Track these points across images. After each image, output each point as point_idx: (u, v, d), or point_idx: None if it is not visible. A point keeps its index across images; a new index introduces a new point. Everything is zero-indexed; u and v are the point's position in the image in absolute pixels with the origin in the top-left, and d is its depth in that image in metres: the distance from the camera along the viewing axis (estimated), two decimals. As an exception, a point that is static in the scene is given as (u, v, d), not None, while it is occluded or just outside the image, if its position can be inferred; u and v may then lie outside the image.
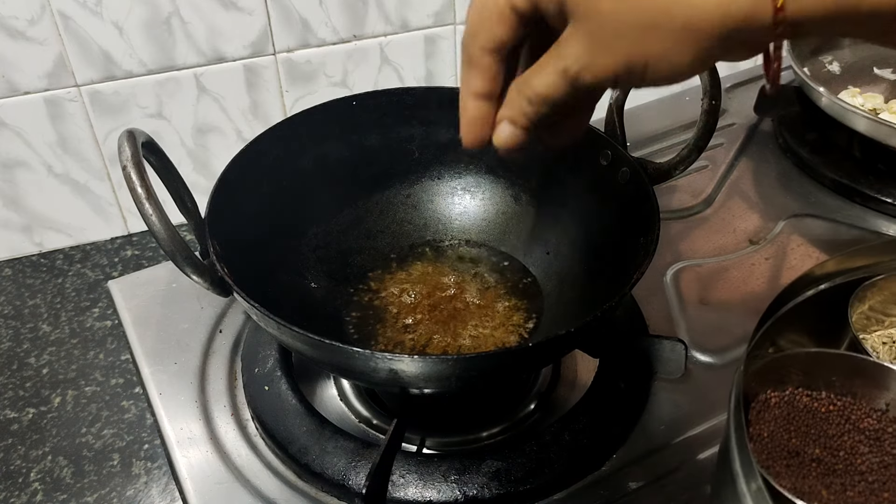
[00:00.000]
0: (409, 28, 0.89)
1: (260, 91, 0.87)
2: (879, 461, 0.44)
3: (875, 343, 0.55)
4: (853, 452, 0.45)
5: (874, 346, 0.55)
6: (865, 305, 0.56)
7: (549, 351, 0.53)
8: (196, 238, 0.56)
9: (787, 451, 0.45)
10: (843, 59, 0.91)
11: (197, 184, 0.86)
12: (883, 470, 0.44)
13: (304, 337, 0.48)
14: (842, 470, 0.44)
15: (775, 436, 0.46)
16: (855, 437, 0.46)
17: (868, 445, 0.45)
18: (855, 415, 0.47)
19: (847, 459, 0.45)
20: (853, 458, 0.45)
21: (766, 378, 0.48)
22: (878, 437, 0.46)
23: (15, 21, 0.75)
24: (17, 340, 0.76)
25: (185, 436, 0.59)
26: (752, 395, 0.48)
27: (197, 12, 0.80)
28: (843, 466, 0.44)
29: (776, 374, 0.48)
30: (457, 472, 0.53)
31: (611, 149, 0.63)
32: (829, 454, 0.45)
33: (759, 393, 0.48)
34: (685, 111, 0.91)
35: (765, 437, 0.46)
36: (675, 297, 0.69)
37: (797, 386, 0.49)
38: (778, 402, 0.48)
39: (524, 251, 0.68)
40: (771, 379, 0.48)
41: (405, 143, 0.70)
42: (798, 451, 0.45)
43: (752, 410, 0.48)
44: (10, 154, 0.81)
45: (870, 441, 0.46)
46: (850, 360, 0.49)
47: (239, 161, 0.60)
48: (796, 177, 0.83)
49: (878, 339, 0.56)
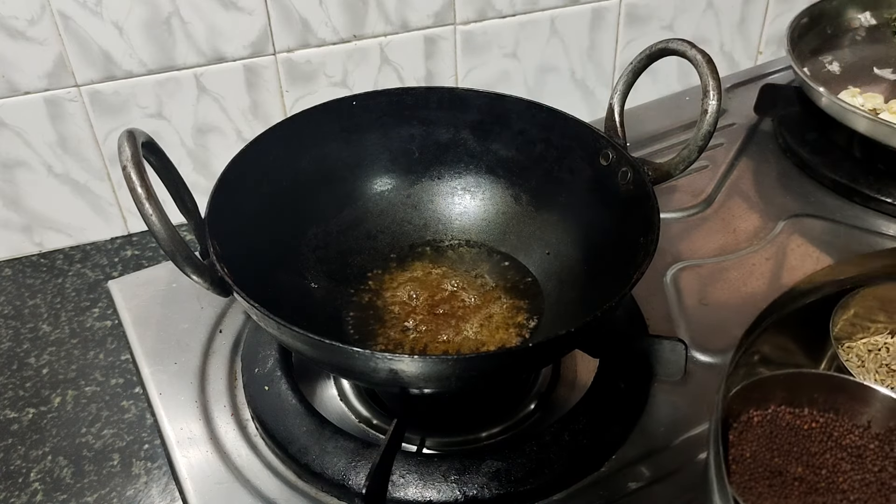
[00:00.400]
0: (409, 28, 0.89)
1: (260, 91, 0.87)
2: (861, 479, 0.44)
3: (861, 351, 0.55)
4: (835, 470, 0.45)
5: (859, 354, 0.55)
6: (850, 312, 0.56)
7: (549, 351, 0.53)
8: (196, 238, 0.56)
9: (769, 471, 0.45)
10: (843, 59, 0.91)
11: (197, 184, 0.86)
12: (864, 488, 0.44)
13: (304, 337, 0.48)
14: (824, 489, 0.44)
15: (757, 456, 0.46)
16: (837, 455, 0.46)
17: (850, 463, 0.45)
18: (837, 431, 0.47)
19: (829, 478, 0.45)
20: (835, 477, 0.45)
21: (749, 397, 0.48)
22: (860, 453, 0.46)
23: (15, 21, 0.75)
24: (17, 340, 0.76)
25: (185, 436, 0.59)
26: (735, 415, 0.48)
27: (197, 12, 0.80)
28: (826, 485, 0.44)
29: (759, 393, 0.48)
30: (457, 472, 0.53)
31: (611, 149, 0.63)
32: (811, 472, 0.45)
33: (742, 413, 0.48)
34: (685, 111, 0.91)
35: (747, 458, 0.46)
36: (675, 298, 0.69)
37: (780, 404, 0.49)
38: (760, 420, 0.48)
39: (524, 251, 0.68)
40: (754, 398, 0.49)
41: (405, 143, 0.70)
42: (780, 471, 0.45)
43: (734, 431, 0.47)
44: (10, 154, 0.81)
45: (852, 458, 0.46)
46: (831, 379, 0.49)
47: (239, 161, 0.60)
48: (796, 177, 0.83)
49: (863, 346, 0.56)
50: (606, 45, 0.99)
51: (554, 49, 0.97)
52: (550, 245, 0.67)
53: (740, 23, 1.05)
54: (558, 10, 0.94)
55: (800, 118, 0.86)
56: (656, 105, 0.94)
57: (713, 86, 0.58)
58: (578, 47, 0.98)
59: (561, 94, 1.01)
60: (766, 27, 1.08)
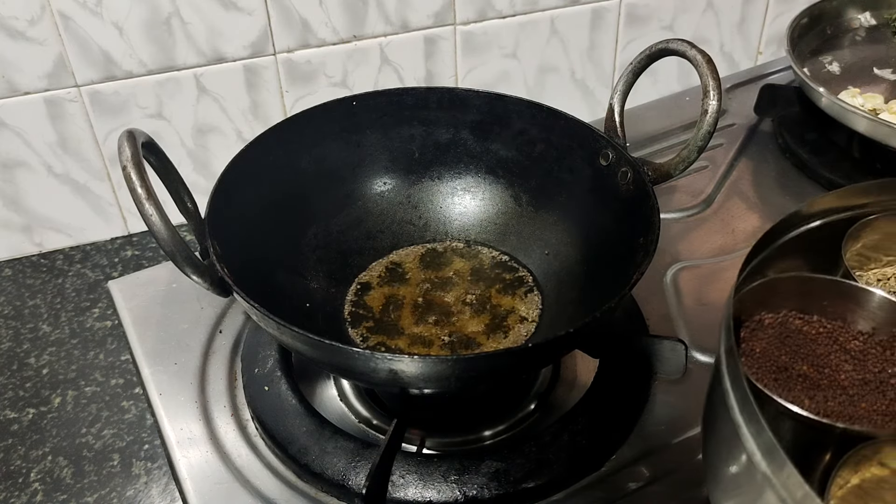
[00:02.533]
0: (409, 28, 0.89)
1: (260, 91, 0.87)
2: (861, 378, 0.47)
3: (870, 280, 0.56)
4: (837, 370, 0.47)
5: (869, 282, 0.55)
6: (859, 244, 0.56)
7: (549, 351, 0.53)
8: (196, 238, 0.56)
9: (776, 367, 0.47)
10: (842, 59, 0.91)
11: (197, 184, 0.86)
12: (863, 385, 0.46)
13: (304, 337, 0.48)
14: (825, 385, 0.47)
15: (766, 352, 0.48)
16: (840, 357, 0.48)
17: (852, 364, 0.48)
18: (843, 337, 0.49)
19: (831, 376, 0.47)
20: (837, 375, 0.47)
21: (762, 301, 0.50)
22: (862, 357, 0.48)
23: (15, 21, 0.75)
24: (17, 340, 0.76)
25: (185, 436, 0.59)
26: (747, 316, 0.50)
27: (197, 12, 0.80)
28: (827, 382, 0.47)
29: (771, 296, 0.50)
30: (457, 473, 0.53)
31: (611, 149, 0.63)
32: (815, 371, 0.47)
33: (754, 314, 0.50)
34: (685, 111, 0.92)
35: (756, 353, 0.48)
36: (674, 298, 0.69)
37: (791, 309, 0.50)
38: (771, 322, 0.50)
39: (524, 251, 0.68)
40: (766, 302, 0.50)
41: (405, 143, 0.70)
42: (786, 367, 0.47)
43: (745, 329, 0.49)
44: (10, 154, 0.81)
45: (854, 360, 0.48)
46: (842, 285, 0.50)
47: (239, 161, 0.60)
48: (795, 177, 0.83)
49: (872, 276, 0.56)
50: (606, 45, 1.00)
51: (554, 49, 0.97)
52: (550, 245, 0.67)
53: (740, 23, 1.05)
54: (558, 10, 0.94)
55: (799, 118, 0.86)
56: (656, 105, 0.94)
57: (713, 86, 0.58)
58: (578, 47, 0.98)
59: (561, 94, 1.01)
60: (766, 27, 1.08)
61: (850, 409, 0.45)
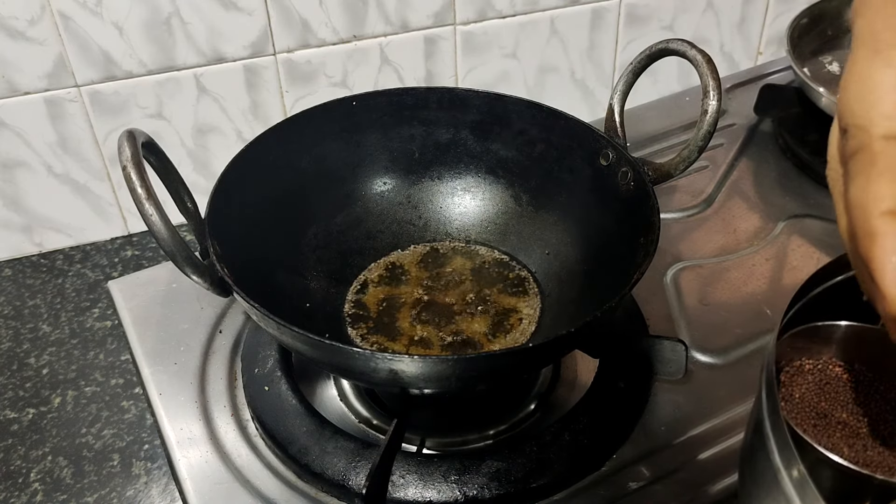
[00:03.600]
0: (409, 28, 0.89)
1: (260, 91, 0.87)
2: None
3: None
4: (878, 420, 0.47)
5: None
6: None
7: (549, 351, 0.53)
8: (196, 238, 0.56)
9: (815, 413, 0.47)
10: (843, 59, 0.91)
11: (197, 184, 0.86)
12: None
13: (304, 337, 0.48)
14: (865, 433, 0.46)
15: (805, 398, 0.47)
16: (882, 406, 0.47)
17: (893, 414, 0.47)
18: (884, 386, 0.48)
19: (871, 425, 0.46)
20: (877, 425, 0.46)
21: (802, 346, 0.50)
22: None
23: (15, 21, 0.75)
24: (17, 340, 0.76)
25: (185, 436, 0.59)
26: (787, 361, 0.50)
27: (197, 12, 0.80)
28: (867, 430, 0.46)
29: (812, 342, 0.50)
30: (457, 473, 0.53)
31: (611, 149, 0.63)
32: (854, 419, 0.47)
33: (794, 359, 0.50)
34: (685, 111, 0.91)
35: (795, 398, 0.48)
36: (675, 298, 0.69)
37: (831, 356, 0.50)
38: (811, 368, 0.49)
39: (524, 251, 0.68)
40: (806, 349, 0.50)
41: (405, 143, 0.70)
42: (826, 414, 0.47)
43: (785, 374, 0.49)
44: (10, 154, 0.81)
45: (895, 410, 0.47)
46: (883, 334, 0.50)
47: (239, 161, 0.60)
48: (796, 177, 0.83)
49: None
50: (606, 45, 0.99)
51: (554, 49, 0.97)
52: (550, 245, 0.67)
53: (740, 23, 1.05)
54: (558, 10, 0.94)
55: (800, 119, 0.86)
56: (656, 105, 0.94)
57: (713, 86, 0.58)
58: (578, 47, 0.98)
59: (561, 94, 1.01)
60: (766, 27, 1.08)
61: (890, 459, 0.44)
